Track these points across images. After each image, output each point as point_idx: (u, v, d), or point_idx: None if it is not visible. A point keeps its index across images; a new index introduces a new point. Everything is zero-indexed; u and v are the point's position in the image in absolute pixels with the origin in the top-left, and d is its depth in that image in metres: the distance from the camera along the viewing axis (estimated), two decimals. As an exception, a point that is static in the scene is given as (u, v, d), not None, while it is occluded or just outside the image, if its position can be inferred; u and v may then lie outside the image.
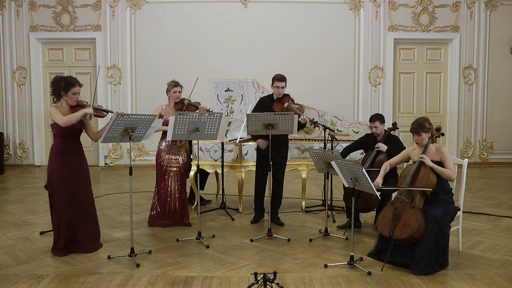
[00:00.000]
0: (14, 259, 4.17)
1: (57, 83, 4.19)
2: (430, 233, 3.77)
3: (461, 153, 10.08)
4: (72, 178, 4.24)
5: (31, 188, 7.55)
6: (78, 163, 4.31)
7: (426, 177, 3.96)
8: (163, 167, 5.23)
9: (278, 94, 5.23)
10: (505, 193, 7.21)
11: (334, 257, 4.22)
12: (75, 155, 4.29)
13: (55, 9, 9.70)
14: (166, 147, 5.23)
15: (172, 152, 5.25)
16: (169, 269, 3.92)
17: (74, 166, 4.27)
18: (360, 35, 9.89)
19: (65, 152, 4.23)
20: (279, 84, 5.17)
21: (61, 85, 4.17)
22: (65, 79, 4.21)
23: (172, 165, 5.24)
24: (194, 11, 9.75)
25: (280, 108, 5.15)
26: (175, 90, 5.29)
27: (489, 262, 4.08)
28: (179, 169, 5.25)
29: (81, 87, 4.27)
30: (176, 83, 5.34)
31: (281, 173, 5.37)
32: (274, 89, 5.24)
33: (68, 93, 4.17)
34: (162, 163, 5.23)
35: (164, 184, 5.23)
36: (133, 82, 9.82)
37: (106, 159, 9.94)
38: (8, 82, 9.80)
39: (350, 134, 6.39)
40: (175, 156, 5.25)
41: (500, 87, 10.12)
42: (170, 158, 5.24)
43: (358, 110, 9.98)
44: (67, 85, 4.16)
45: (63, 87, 4.16)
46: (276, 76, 5.22)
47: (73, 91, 4.18)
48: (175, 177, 5.24)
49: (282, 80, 5.18)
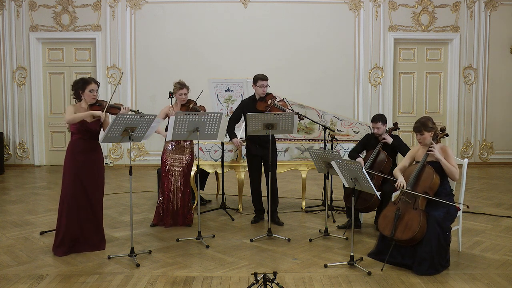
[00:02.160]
0: (14, 259, 4.17)
1: (76, 84, 4.38)
2: (433, 235, 3.76)
3: (461, 153, 10.08)
4: (85, 176, 4.29)
5: (31, 188, 7.55)
6: (93, 162, 4.37)
7: (430, 178, 3.95)
8: (167, 166, 5.23)
9: (263, 93, 5.26)
10: (505, 193, 7.21)
11: (334, 257, 4.22)
12: (90, 154, 4.35)
13: (55, 9, 9.70)
14: (172, 146, 5.24)
15: (177, 151, 5.25)
16: (169, 269, 3.92)
17: (88, 165, 4.32)
18: (360, 35, 9.88)
19: (80, 150, 4.31)
20: (263, 83, 5.22)
21: (79, 84, 4.35)
22: (82, 78, 4.43)
23: (175, 164, 5.24)
24: (194, 11, 9.75)
25: (264, 106, 5.18)
26: (181, 93, 5.23)
27: (489, 262, 4.08)
28: (182, 169, 5.25)
29: (98, 85, 4.41)
30: (182, 85, 5.24)
31: (274, 171, 5.37)
32: (258, 89, 5.27)
33: (85, 90, 4.32)
34: (166, 162, 5.24)
35: (168, 184, 5.23)
36: (133, 82, 9.82)
37: (106, 159, 9.93)
38: (8, 82, 9.79)
39: (350, 134, 6.39)
40: (179, 156, 5.25)
41: (500, 87, 10.12)
42: (174, 158, 5.24)
43: (358, 110, 9.97)
44: (84, 83, 4.34)
45: (80, 86, 4.33)
46: (259, 75, 5.27)
47: (90, 88, 4.32)
48: (178, 177, 5.24)
49: (266, 79, 5.25)
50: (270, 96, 5.26)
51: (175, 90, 5.26)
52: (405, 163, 4.30)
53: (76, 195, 4.26)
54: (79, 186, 4.27)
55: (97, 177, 4.40)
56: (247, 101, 5.43)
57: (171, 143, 5.25)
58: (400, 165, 4.33)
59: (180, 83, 5.27)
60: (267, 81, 5.27)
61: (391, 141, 4.96)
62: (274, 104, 5.16)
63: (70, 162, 4.29)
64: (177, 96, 5.26)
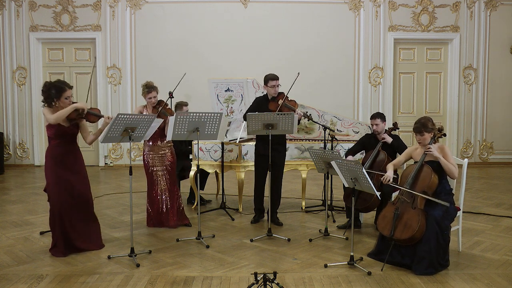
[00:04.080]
0: (14, 259, 4.17)
1: (47, 91, 4.14)
2: (431, 234, 3.76)
3: (461, 153, 10.08)
4: (69, 179, 4.22)
5: (31, 188, 7.55)
6: (74, 165, 4.28)
7: (428, 177, 3.96)
8: (149, 168, 5.17)
9: (274, 93, 5.24)
10: (505, 193, 7.21)
11: (334, 257, 4.22)
12: (70, 157, 4.26)
13: (55, 9, 9.70)
14: (148, 147, 5.15)
15: (155, 151, 5.15)
16: (169, 269, 3.92)
17: (69, 168, 4.24)
18: (360, 35, 9.88)
19: (60, 155, 4.21)
20: (274, 83, 5.20)
21: (51, 92, 4.12)
22: (55, 86, 4.15)
23: (156, 164, 5.16)
24: (194, 11, 9.75)
25: (275, 106, 5.16)
26: (150, 96, 5.05)
27: (489, 262, 4.08)
28: (166, 168, 5.18)
29: (71, 89, 4.22)
30: (150, 88, 5.03)
31: (280, 173, 5.37)
32: (269, 89, 5.24)
33: (61, 98, 4.14)
34: (148, 164, 5.16)
35: (153, 185, 5.17)
36: (133, 82, 9.82)
37: (106, 159, 9.94)
38: (8, 82, 9.79)
39: (350, 134, 6.39)
40: (159, 155, 5.16)
41: (500, 87, 10.12)
42: (154, 158, 5.15)
43: (358, 110, 9.97)
44: (58, 91, 4.12)
45: (54, 94, 4.12)
46: (269, 75, 5.24)
47: (65, 96, 4.15)
48: (162, 177, 5.18)
49: (277, 79, 5.22)
50: (282, 96, 5.23)
51: (143, 93, 5.08)
52: (400, 159, 4.36)
53: (63, 201, 4.19)
54: (64, 191, 4.19)
55: (81, 178, 4.31)
56: (261, 99, 5.38)
57: (148, 144, 5.15)
58: (395, 160, 4.37)
59: (148, 86, 5.06)
60: (278, 81, 5.23)
61: (391, 141, 4.97)
62: (285, 104, 5.13)
63: (51, 168, 4.19)
64: (146, 100, 5.08)
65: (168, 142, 5.25)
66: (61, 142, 4.22)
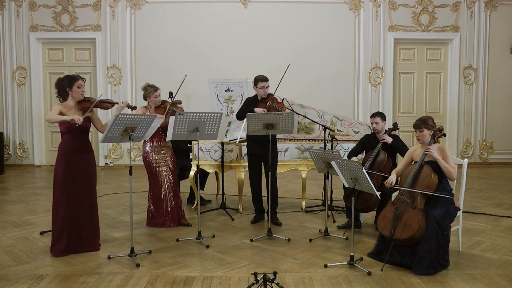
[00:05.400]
0: (14, 259, 4.17)
1: (61, 82, 4.29)
2: (431, 234, 3.76)
3: (461, 153, 10.08)
4: (77, 176, 4.25)
5: (31, 188, 7.55)
6: (85, 161, 4.32)
7: (428, 177, 3.95)
8: (153, 168, 5.17)
9: (264, 94, 5.27)
10: (505, 193, 7.21)
11: (334, 257, 4.22)
12: (82, 153, 4.31)
13: (55, 9, 9.71)
14: (152, 147, 5.15)
15: (158, 151, 5.16)
16: (169, 269, 3.92)
17: (80, 164, 4.28)
18: (360, 35, 9.89)
19: (71, 150, 4.26)
20: (264, 84, 5.25)
21: (64, 82, 4.26)
22: (68, 76, 4.32)
23: (160, 164, 5.17)
24: (194, 11, 9.76)
25: (263, 107, 5.19)
26: (156, 95, 5.10)
27: (489, 262, 4.08)
28: (169, 168, 5.20)
29: (84, 82, 4.36)
30: (155, 87, 5.12)
31: (274, 172, 5.37)
32: (258, 90, 5.29)
33: (73, 87, 4.25)
34: (151, 164, 5.15)
35: (158, 185, 5.18)
36: (133, 82, 9.82)
37: (106, 159, 9.94)
38: (8, 82, 9.80)
39: (350, 134, 6.39)
40: (163, 155, 5.17)
41: (500, 87, 10.12)
42: (158, 158, 5.16)
43: (358, 110, 9.98)
44: (70, 80, 4.26)
45: (67, 83, 4.25)
46: (259, 77, 5.28)
47: (77, 85, 4.26)
48: (167, 176, 5.19)
49: (266, 80, 5.27)
50: (270, 97, 5.27)
51: (149, 93, 5.10)
52: (403, 164, 4.31)
53: (69, 198, 4.21)
54: (71, 188, 4.21)
55: (90, 178, 4.34)
56: (252, 99, 5.42)
57: (149, 143, 5.15)
58: (398, 167, 4.32)
59: (153, 85, 5.14)
60: (268, 82, 5.28)
61: (391, 141, 4.97)
62: (272, 106, 5.19)
63: (62, 163, 4.22)
64: (152, 99, 5.12)
65: (168, 142, 5.26)
66: (73, 137, 4.27)
